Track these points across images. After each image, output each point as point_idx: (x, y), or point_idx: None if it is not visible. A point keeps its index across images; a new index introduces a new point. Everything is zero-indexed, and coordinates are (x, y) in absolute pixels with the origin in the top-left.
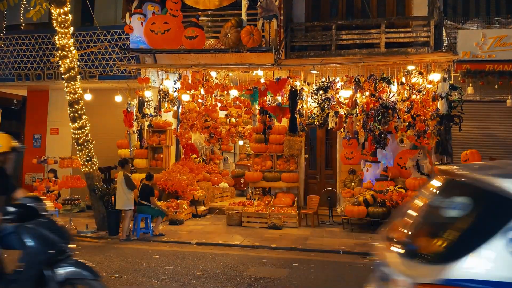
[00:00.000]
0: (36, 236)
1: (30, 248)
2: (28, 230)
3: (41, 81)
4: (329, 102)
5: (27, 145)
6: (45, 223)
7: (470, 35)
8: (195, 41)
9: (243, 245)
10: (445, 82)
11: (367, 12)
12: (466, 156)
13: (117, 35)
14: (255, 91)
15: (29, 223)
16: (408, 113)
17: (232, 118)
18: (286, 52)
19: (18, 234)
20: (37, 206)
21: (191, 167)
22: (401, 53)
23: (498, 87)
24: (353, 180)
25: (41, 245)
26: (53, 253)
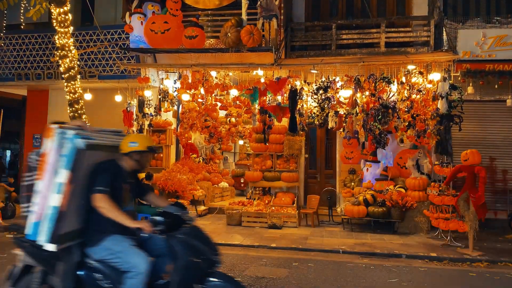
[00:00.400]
0: (187, 247)
1: (182, 260)
2: (179, 241)
3: (41, 81)
4: (329, 101)
5: (27, 145)
6: (193, 232)
7: (470, 35)
8: (195, 40)
9: (243, 245)
10: (445, 81)
11: (367, 12)
12: (466, 156)
13: (117, 35)
14: (255, 91)
15: (179, 233)
16: (408, 113)
17: (232, 117)
18: (286, 52)
19: (169, 245)
20: (182, 215)
21: (191, 166)
22: (401, 52)
23: (498, 86)
24: (353, 179)
25: (192, 257)
26: (205, 266)
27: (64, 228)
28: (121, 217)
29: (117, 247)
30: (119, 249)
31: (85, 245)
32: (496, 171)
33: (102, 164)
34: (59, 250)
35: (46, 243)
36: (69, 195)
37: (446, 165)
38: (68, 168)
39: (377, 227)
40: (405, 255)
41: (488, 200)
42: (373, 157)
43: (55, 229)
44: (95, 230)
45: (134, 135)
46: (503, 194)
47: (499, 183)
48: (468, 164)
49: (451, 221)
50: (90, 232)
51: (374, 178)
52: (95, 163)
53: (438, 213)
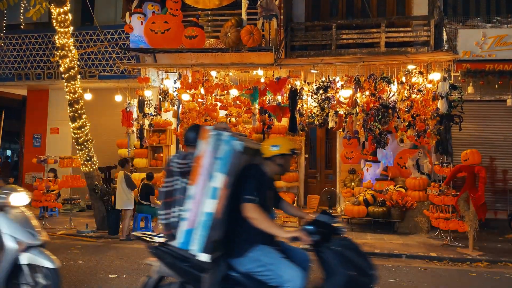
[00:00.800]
0: (345, 261)
1: (342, 276)
2: (335, 253)
3: (41, 81)
4: (329, 101)
5: (27, 145)
6: (347, 244)
7: (470, 35)
8: (195, 40)
9: None
10: (445, 81)
11: (367, 12)
12: (466, 156)
13: (117, 35)
14: (255, 91)
15: (333, 245)
16: (408, 113)
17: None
18: (286, 52)
19: (322, 259)
20: (334, 225)
21: None
22: (401, 52)
23: (498, 86)
24: (353, 179)
25: (352, 271)
26: (364, 282)
27: (217, 237)
28: (275, 228)
29: (267, 259)
30: (270, 261)
31: (229, 256)
32: (496, 171)
33: (248, 170)
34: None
35: (199, 253)
36: (224, 201)
37: (446, 165)
38: (224, 171)
39: (377, 227)
40: (405, 255)
41: (488, 200)
42: (373, 157)
43: (209, 238)
44: (242, 240)
45: (275, 138)
46: (503, 194)
47: (499, 183)
48: (468, 164)
49: (451, 221)
50: (236, 241)
51: (374, 178)
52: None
53: (438, 213)
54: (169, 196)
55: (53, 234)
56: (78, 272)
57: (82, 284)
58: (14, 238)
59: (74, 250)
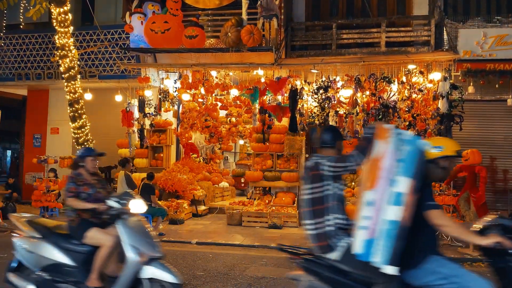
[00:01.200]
0: None
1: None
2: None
3: (41, 81)
4: (330, 101)
5: (28, 145)
6: None
7: (470, 34)
8: (195, 40)
9: (243, 245)
10: (445, 81)
11: (368, 12)
12: (466, 156)
13: (117, 35)
14: (255, 91)
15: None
16: (409, 113)
17: (233, 117)
18: (286, 52)
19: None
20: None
21: (191, 166)
22: (401, 52)
23: (499, 86)
24: (354, 179)
25: None
26: None
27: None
28: (469, 235)
29: (447, 270)
30: (451, 272)
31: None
32: (497, 170)
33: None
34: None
35: (384, 265)
36: (411, 208)
37: None
38: (410, 175)
39: None
40: None
41: (489, 200)
42: None
43: (395, 249)
44: (416, 250)
45: (437, 138)
46: (503, 193)
47: (500, 183)
48: (469, 164)
49: None
50: (409, 252)
51: None
52: None
53: None
54: (319, 204)
55: None
56: None
57: None
58: (136, 249)
59: None
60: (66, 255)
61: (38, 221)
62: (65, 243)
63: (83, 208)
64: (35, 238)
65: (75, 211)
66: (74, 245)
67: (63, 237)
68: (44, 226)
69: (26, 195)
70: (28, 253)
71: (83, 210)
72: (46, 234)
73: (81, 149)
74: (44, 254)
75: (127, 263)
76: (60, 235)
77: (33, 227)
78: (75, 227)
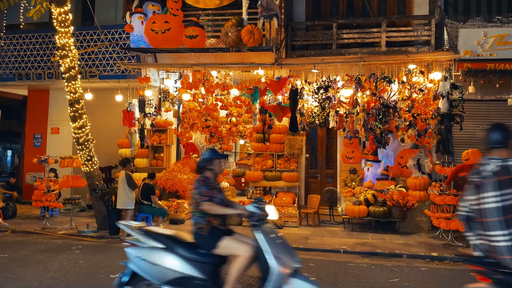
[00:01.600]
0: None
1: None
2: None
3: (41, 81)
4: (330, 101)
5: (28, 145)
6: None
7: (471, 34)
8: (196, 40)
9: None
10: (446, 81)
11: (368, 11)
12: (467, 155)
13: (117, 34)
14: (255, 90)
15: None
16: (409, 112)
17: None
18: (286, 51)
19: None
20: None
21: (192, 166)
22: (402, 52)
23: (499, 86)
24: (354, 179)
25: None
26: None
27: None
28: None
29: None
30: None
31: None
32: None
33: None
34: None
35: None
36: None
37: (447, 165)
38: None
39: (378, 226)
40: (406, 255)
41: None
42: (374, 156)
43: None
44: None
45: None
46: None
47: None
48: (469, 164)
49: (452, 220)
50: None
51: (375, 178)
52: None
53: (439, 212)
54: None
55: (54, 234)
56: (79, 272)
57: (83, 284)
58: (280, 259)
59: (75, 250)
60: (194, 266)
61: (153, 230)
62: (191, 254)
63: (223, 213)
64: (157, 248)
65: (205, 217)
66: (202, 255)
67: (187, 246)
68: (164, 236)
69: (27, 195)
70: (150, 265)
71: (215, 217)
72: (169, 244)
73: (207, 151)
74: (170, 266)
75: (271, 276)
76: (183, 245)
77: (153, 237)
78: (206, 236)
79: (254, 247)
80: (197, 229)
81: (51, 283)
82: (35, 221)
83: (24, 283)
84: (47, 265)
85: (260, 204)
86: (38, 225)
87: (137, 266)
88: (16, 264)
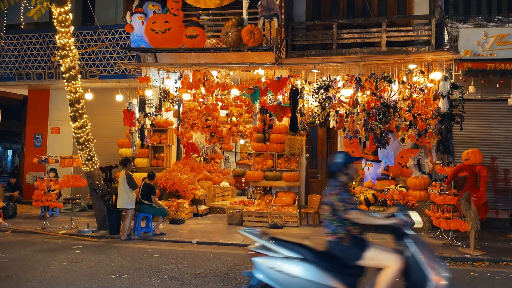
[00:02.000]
0: None
1: None
2: None
3: (42, 81)
4: (330, 101)
5: (28, 145)
6: None
7: (471, 34)
8: (196, 40)
9: (244, 244)
10: (446, 81)
11: (368, 11)
12: (467, 155)
13: (117, 34)
14: (256, 90)
15: None
16: (409, 112)
17: (233, 117)
18: (287, 51)
19: None
20: None
21: (192, 166)
22: (402, 52)
23: (500, 86)
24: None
25: None
26: None
27: None
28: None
29: None
30: None
31: None
32: (498, 170)
33: None
34: None
35: None
36: None
37: (448, 165)
38: None
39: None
40: None
41: (490, 200)
42: (374, 156)
43: None
44: None
45: None
46: (504, 193)
47: (501, 183)
48: (470, 164)
49: (452, 220)
50: None
51: (375, 178)
52: None
53: (440, 212)
54: None
55: (54, 234)
56: (79, 272)
57: (83, 283)
58: (434, 269)
59: (75, 250)
60: (337, 279)
61: (282, 238)
62: (331, 264)
63: (372, 223)
64: (294, 259)
65: (344, 226)
66: (345, 267)
67: (324, 257)
68: (296, 244)
69: (27, 195)
70: (287, 277)
71: (355, 226)
72: (306, 254)
73: (341, 154)
74: (312, 279)
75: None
76: (319, 255)
77: (287, 247)
78: (348, 246)
79: (404, 258)
80: (336, 239)
81: (51, 282)
82: (36, 221)
83: (24, 283)
84: (47, 265)
85: (405, 212)
86: (38, 225)
87: (270, 278)
88: (16, 264)
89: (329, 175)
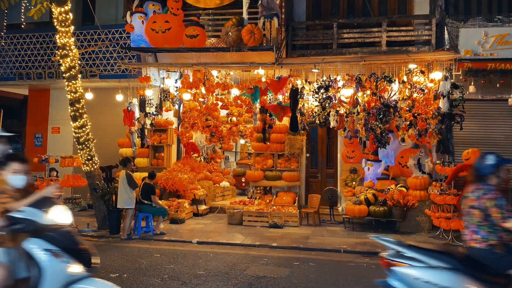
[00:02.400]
0: None
1: None
2: None
3: (42, 80)
4: (330, 100)
5: (29, 144)
6: None
7: (471, 34)
8: (196, 39)
9: (244, 244)
10: (446, 80)
11: (369, 11)
12: (467, 155)
13: (118, 34)
14: (256, 90)
15: None
16: (410, 112)
17: (233, 117)
18: (287, 51)
19: None
20: None
21: (192, 166)
22: (402, 51)
23: (500, 85)
24: (354, 179)
25: None
26: None
27: None
28: None
29: None
30: None
31: None
32: None
33: None
34: None
35: None
36: None
37: (448, 164)
38: None
39: (378, 226)
40: None
41: None
42: (374, 156)
43: None
44: None
45: None
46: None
47: None
48: (470, 164)
49: (452, 220)
50: None
51: (375, 177)
52: None
53: (440, 212)
54: None
55: None
56: None
57: None
58: None
59: None
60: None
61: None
62: (483, 274)
63: None
64: (442, 269)
65: (496, 233)
66: (498, 276)
67: (473, 265)
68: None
69: None
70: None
71: (508, 233)
72: (455, 264)
73: (491, 156)
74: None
75: None
76: (468, 263)
77: (431, 255)
78: (502, 254)
79: None
80: (487, 246)
81: None
82: None
83: None
84: None
85: None
86: None
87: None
88: None
89: (477, 177)
